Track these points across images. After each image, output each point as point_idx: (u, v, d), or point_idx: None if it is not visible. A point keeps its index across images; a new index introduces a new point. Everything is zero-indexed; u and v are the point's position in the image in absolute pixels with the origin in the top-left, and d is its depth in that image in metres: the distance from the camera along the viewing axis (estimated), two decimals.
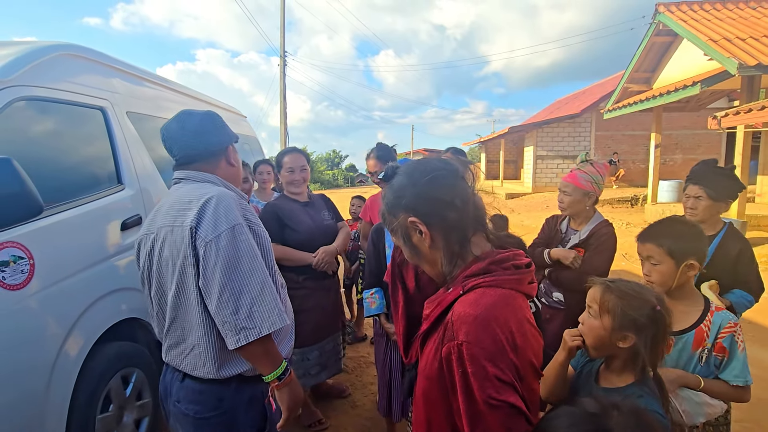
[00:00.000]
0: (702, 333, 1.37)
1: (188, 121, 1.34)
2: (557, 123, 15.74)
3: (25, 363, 1.47)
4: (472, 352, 0.72)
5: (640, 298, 1.07)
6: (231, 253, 1.15)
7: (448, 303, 0.82)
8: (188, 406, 1.27)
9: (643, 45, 9.55)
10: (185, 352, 1.26)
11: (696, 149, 14.87)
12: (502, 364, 0.72)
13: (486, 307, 0.76)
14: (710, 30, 7.70)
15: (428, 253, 0.88)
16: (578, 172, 2.04)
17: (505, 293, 0.80)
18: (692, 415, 1.33)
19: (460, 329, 0.75)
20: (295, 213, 2.42)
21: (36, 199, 1.34)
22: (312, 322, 2.37)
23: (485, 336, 0.73)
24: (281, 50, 16.54)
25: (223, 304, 1.14)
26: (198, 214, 1.18)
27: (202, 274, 1.17)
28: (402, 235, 0.89)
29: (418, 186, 0.87)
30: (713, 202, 1.89)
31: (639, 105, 9.30)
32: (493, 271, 0.82)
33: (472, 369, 0.72)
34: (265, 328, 1.15)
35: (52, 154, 1.85)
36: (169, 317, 1.26)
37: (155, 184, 2.39)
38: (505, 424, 0.71)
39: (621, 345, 1.08)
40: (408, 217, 0.86)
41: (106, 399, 1.81)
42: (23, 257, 1.47)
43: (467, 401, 0.73)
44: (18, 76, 1.67)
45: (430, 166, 0.89)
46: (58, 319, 1.61)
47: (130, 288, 2.01)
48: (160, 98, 2.84)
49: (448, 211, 0.85)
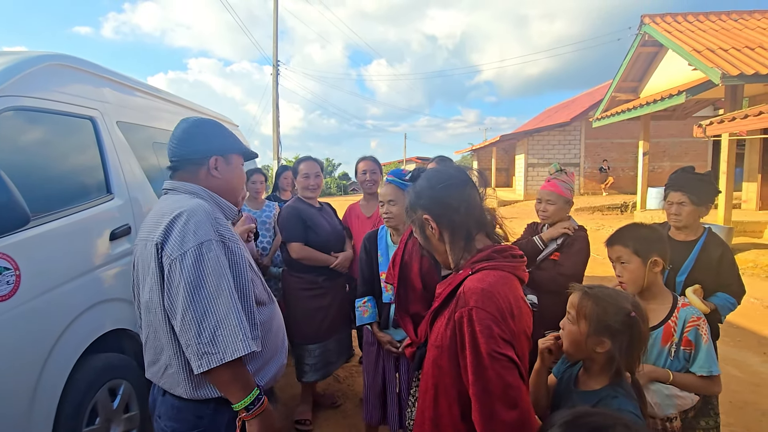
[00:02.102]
0: (670, 328, 1.45)
1: (178, 127, 1.32)
2: (548, 131, 15.96)
3: (10, 374, 1.44)
4: (480, 315, 0.90)
5: (616, 304, 1.11)
6: (196, 273, 1.09)
7: (458, 282, 1.01)
8: (167, 423, 1.23)
9: (630, 55, 9.75)
10: (161, 371, 1.22)
11: (683, 157, 15.14)
12: (503, 325, 0.90)
13: (490, 283, 0.95)
14: (694, 41, 7.90)
15: (437, 244, 1.10)
16: (557, 181, 2.11)
17: (504, 275, 0.99)
18: (663, 407, 1.40)
19: (470, 298, 0.93)
20: (314, 217, 2.63)
21: (23, 209, 1.33)
22: (330, 317, 2.59)
23: (490, 303, 0.91)
24: (274, 59, 16.62)
25: (186, 326, 1.08)
26: (165, 230, 1.13)
27: (167, 293, 1.11)
28: (419, 227, 1.12)
29: (434, 190, 1.09)
30: (696, 207, 1.94)
31: (627, 114, 9.47)
32: (495, 258, 1.01)
33: (480, 327, 0.89)
34: (228, 353, 1.07)
35: (41, 163, 1.84)
36: (144, 334, 1.23)
37: (145, 193, 2.38)
38: (503, 373, 0.88)
39: (598, 350, 1.11)
40: (423, 215, 1.09)
41: (92, 411, 1.78)
42: (9, 268, 1.45)
43: (473, 354, 0.89)
44: (7, 86, 1.66)
45: (447, 174, 1.11)
46: (45, 330, 1.59)
47: (119, 298, 1.99)
48: (151, 108, 2.84)
49: (455, 214, 1.06)
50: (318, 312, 2.57)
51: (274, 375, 1.35)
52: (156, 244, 1.13)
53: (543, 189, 2.15)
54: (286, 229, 2.62)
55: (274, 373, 1.35)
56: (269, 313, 1.35)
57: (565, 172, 2.15)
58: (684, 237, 2.00)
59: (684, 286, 1.91)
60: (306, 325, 2.58)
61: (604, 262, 7.03)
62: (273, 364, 1.34)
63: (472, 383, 0.90)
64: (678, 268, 1.94)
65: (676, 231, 2.03)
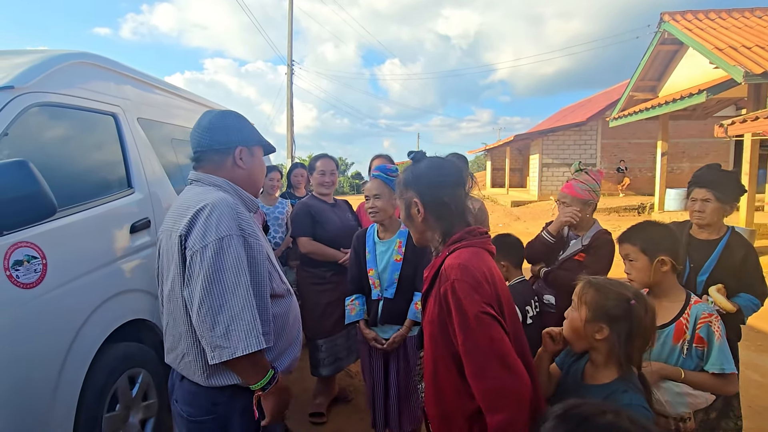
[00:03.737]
0: (681, 326, 1.42)
1: (203, 118, 1.35)
2: (563, 131, 15.73)
3: (37, 358, 1.50)
4: (461, 285, 1.04)
5: (617, 291, 1.14)
6: (215, 267, 1.12)
7: (438, 264, 1.15)
8: (183, 408, 1.27)
9: (649, 53, 9.56)
10: (179, 358, 1.25)
11: (704, 157, 14.77)
12: (482, 290, 1.04)
13: (466, 258, 1.10)
14: (715, 38, 7.70)
15: (419, 225, 1.23)
16: (574, 182, 2.08)
17: (476, 250, 1.14)
18: (674, 405, 1.38)
19: (451, 273, 1.07)
20: (324, 212, 2.66)
21: (50, 200, 1.38)
22: (338, 312, 2.55)
23: (467, 274, 1.06)
24: (288, 59, 16.76)
25: (202, 318, 1.11)
26: (189, 222, 1.16)
27: (186, 284, 1.15)
28: (405, 205, 1.24)
29: (430, 179, 1.20)
30: (720, 204, 1.89)
31: (645, 113, 9.29)
32: (466, 238, 1.17)
33: (462, 294, 1.03)
34: (240, 349, 1.10)
35: (66, 157, 1.90)
36: (165, 321, 1.27)
37: (164, 188, 2.44)
38: (487, 329, 1.02)
39: (597, 337, 1.13)
40: (414, 197, 1.20)
41: (112, 398, 1.84)
42: (36, 257, 1.51)
43: (460, 318, 1.03)
44: (34, 84, 1.72)
45: (445, 170, 1.22)
46: (69, 318, 1.64)
47: (139, 290, 2.05)
48: (170, 105, 2.91)
49: (442, 208, 1.19)
50: (326, 307, 2.60)
51: (288, 366, 1.37)
52: (180, 236, 1.17)
53: (561, 191, 2.14)
54: (294, 224, 2.69)
55: (288, 363, 1.37)
56: (286, 306, 1.37)
57: (586, 171, 2.10)
58: (707, 236, 1.95)
59: (705, 286, 1.87)
60: (314, 320, 2.62)
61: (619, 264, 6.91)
62: (287, 355, 1.37)
63: (461, 343, 1.03)
64: (699, 268, 1.90)
65: (699, 229, 1.97)
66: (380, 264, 2.10)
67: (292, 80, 16.89)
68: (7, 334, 1.40)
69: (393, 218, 2.14)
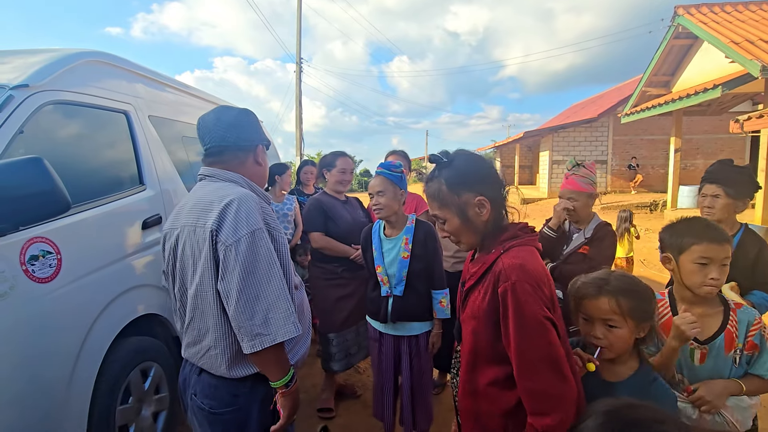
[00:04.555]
0: (731, 334, 1.34)
1: (225, 113, 1.34)
2: (573, 127, 15.55)
3: (53, 351, 1.53)
4: (522, 287, 1.01)
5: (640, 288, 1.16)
6: (250, 258, 1.15)
7: (491, 261, 1.10)
8: (203, 401, 1.29)
9: (662, 48, 9.39)
10: (201, 352, 1.27)
11: (718, 154, 14.49)
12: (540, 293, 1.02)
13: (524, 258, 1.06)
14: (731, 32, 7.54)
15: (479, 225, 1.14)
16: (575, 177, 2.10)
17: (531, 249, 1.10)
18: (743, 422, 1.32)
19: (511, 273, 1.03)
20: (336, 208, 2.68)
21: (64, 196, 1.40)
22: (349, 307, 2.60)
23: (529, 276, 1.02)
24: (297, 57, 16.80)
25: (240, 309, 1.14)
26: (219, 217, 1.17)
27: (222, 278, 1.17)
28: (457, 210, 1.13)
29: (487, 173, 1.15)
30: (731, 200, 1.87)
31: (658, 108, 9.13)
32: (519, 235, 1.12)
33: (523, 297, 1.00)
34: (279, 335, 1.15)
35: (79, 155, 1.94)
36: (189, 316, 1.28)
37: (175, 185, 2.47)
38: (547, 334, 1.00)
39: (641, 335, 1.16)
40: (475, 197, 1.12)
41: (125, 391, 1.87)
42: (51, 252, 1.54)
43: (518, 320, 1.00)
44: (48, 82, 1.75)
45: (488, 161, 1.18)
46: (83, 312, 1.67)
47: (150, 285, 2.08)
48: (180, 103, 2.94)
49: (500, 193, 1.15)
50: (336, 302, 2.61)
51: (302, 356, 1.41)
52: (211, 231, 1.17)
53: (563, 188, 2.16)
54: (307, 219, 2.70)
55: (303, 353, 1.41)
56: (300, 297, 1.42)
57: (583, 165, 2.13)
58: None
59: None
60: (324, 314, 2.65)
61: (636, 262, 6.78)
62: (302, 346, 1.41)
63: (515, 344, 1.01)
64: None
65: None
66: (387, 261, 2.10)
67: (300, 78, 16.93)
68: (25, 327, 1.43)
69: (399, 215, 2.12)
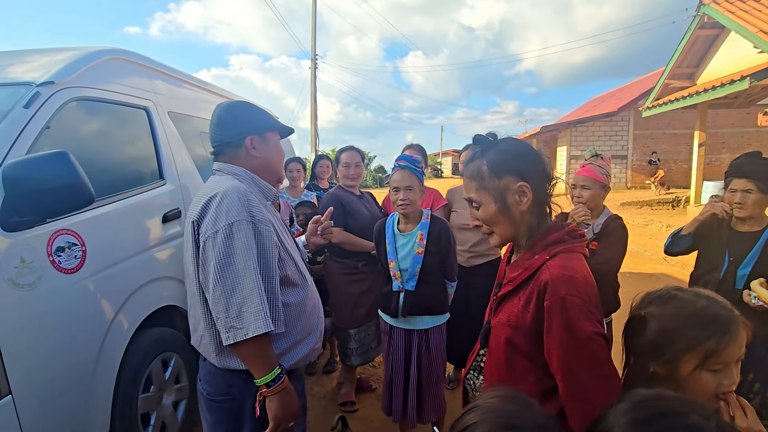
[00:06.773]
0: None
1: (214, 113, 1.39)
2: (592, 122, 15.22)
3: (79, 339, 1.59)
4: (574, 301, 0.91)
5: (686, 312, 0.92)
6: (225, 251, 1.16)
7: (535, 267, 0.99)
8: (204, 387, 1.33)
9: (686, 39, 9.08)
10: (198, 340, 1.31)
11: (745, 148, 13.98)
12: (593, 307, 0.93)
13: (574, 269, 0.96)
14: (761, 21, 7.24)
15: (518, 215, 1.03)
16: (592, 166, 2.04)
17: (579, 256, 1.00)
18: None
19: (560, 286, 0.93)
20: (354, 203, 2.68)
21: (89, 189, 1.44)
22: (369, 302, 2.59)
23: (581, 291, 0.93)
24: (312, 53, 16.86)
25: (216, 300, 1.16)
26: (202, 209, 1.22)
27: (201, 268, 1.21)
28: (495, 194, 1.02)
29: (533, 158, 1.03)
30: (763, 195, 1.82)
31: (682, 101, 8.85)
32: (567, 240, 1.01)
33: (575, 314, 0.91)
34: (251, 330, 1.14)
35: (102, 149, 1.99)
36: (188, 304, 1.34)
37: (194, 180, 2.51)
38: (599, 350, 0.91)
39: None
40: (517, 182, 1.00)
41: (147, 380, 1.92)
42: (76, 243, 1.59)
43: (568, 338, 0.91)
44: (72, 79, 1.80)
45: (534, 149, 1.06)
46: (106, 303, 1.72)
47: (170, 277, 2.13)
48: (198, 99, 2.99)
49: (544, 185, 1.04)
50: (356, 297, 2.62)
51: (305, 355, 1.38)
52: (192, 222, 1.22)
53: (577, 174, 2.09)
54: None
55: (306, 353, 1.38)
56: (302, 295, 1.37)
57: (601, 157, 2.08)
58: (748, 228, 1.89)
59: (747, 280, 1.80)
60: (344, 310, 2.65)
61: (652, 258, 6.61)
62: (304, 345, 1.37)
63: (561, 360, 0.92)
64: (740, 261, 1.84)
65: (739, 221, 1.91)
66: (401, 256, 2.10)
67: (315, 74, 16.99)
68: (53, 316, 1.48)
69: (417, 210, 2.12)
